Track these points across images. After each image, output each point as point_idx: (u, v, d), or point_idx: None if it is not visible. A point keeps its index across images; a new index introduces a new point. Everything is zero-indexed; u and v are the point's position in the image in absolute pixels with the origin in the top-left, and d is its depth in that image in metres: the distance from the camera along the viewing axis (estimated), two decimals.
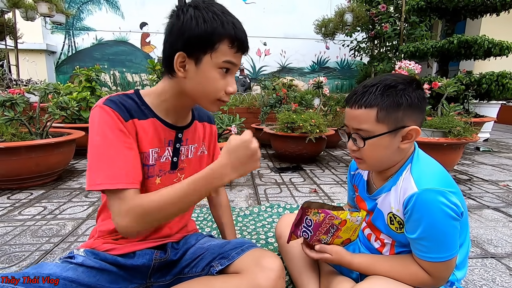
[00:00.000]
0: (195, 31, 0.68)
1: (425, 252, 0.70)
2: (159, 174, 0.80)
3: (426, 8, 3.40)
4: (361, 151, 0.76)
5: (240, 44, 0.72)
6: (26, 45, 5.21)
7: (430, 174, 0.73)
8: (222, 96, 0.74)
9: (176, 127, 0.82)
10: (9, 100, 1.91)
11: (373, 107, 0.72)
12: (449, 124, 1.92)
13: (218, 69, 0.71)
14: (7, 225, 1.44)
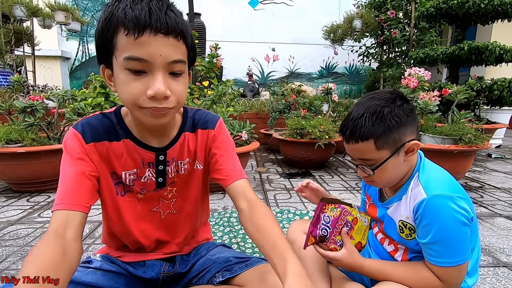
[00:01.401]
0: (96, 36, 0.60)
1: (437, 257, 0.71)
2: (141, 192, 0.77)
3: (436, 14, 3.40)
4: (371, 177, 0.79)
5: (136, 25, 0.54)
6: (42, 51, 5.38)
7: (438, 181, 0.75)
8: (142, 102, 0.59)
9: (156, 148, 0.74)
10: (29, 106, 2.00)
11: (369, 138, 0.73)
12: (459, 131, 1.91)
13: (126, 71, 0.58)
14: (28, 227, 1.50)
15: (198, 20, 4.84)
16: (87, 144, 0.68)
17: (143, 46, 0.56)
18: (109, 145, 0.71)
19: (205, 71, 3.45)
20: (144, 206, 0.79)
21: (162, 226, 0.84)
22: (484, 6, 2.94)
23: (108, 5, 0.58)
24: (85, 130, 0.69)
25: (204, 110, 0.84)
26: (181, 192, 0.83)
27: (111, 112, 0.73)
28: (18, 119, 2.07)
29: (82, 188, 0.66)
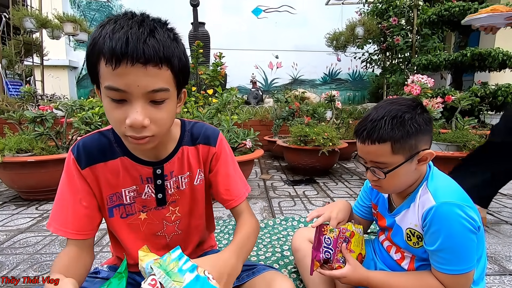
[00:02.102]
0: (85, 58, 0.61)
1: (444, 264, 0.72)
2: (143, 210, 0.78)
3: (438, 21, 3.42)
4: (380, 181, 0.79)
5: (111, 55, 0.54)
6: (51, 61, 5.51)
7: (446, 189, 0.77)
8: (123, 130, 0.59)
9: (152, 162, 0.75)
10: (39, 116, 2.05)
11: (386, 141, 0.73)
12: (463, 138, 1.92)
13: (108, 99, 0.58)
14: (37, 235, 1.53)
15: (203, 29, 4.93)
16: (83, 169, 0.70)
17: (121, 76, 0.55)
18: (104, 165, 0.72)
19: (210, 79, 3.51)
20: (148, 230, 0.80)
21: (168, 248, 0.84)
22: None
23: (95, 31, 0.58)
24: (80, 154, 0.70)
25: (201, 123, 0.84)
26: (184, 211, 0.83)
27: (109, 130, 0.74)
28: (28, 129, 2.12)
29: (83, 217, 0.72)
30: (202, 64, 4.06)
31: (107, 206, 0.75)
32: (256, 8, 6.86)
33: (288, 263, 1.25)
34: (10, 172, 1.94)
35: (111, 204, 0.75)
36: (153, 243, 0.82)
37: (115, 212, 0.76)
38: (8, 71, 4.62)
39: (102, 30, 0.56)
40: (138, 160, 0.73)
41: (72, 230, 0.70)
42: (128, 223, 0.77)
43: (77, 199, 0.71)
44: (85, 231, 0.72)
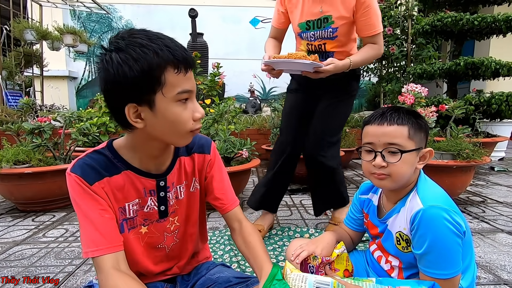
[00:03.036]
0: (132, 76, 0.59)
1: (431, 267, 0.74)
2: (144, 223, 0.78)
3: (432, 31, 3.49)
4: (390, 167, 0.80)
5: (185, 63, 0.64)
6: (51, 72, 5.57)
7: (434, 194, 0.80)
8: (192, 126, 0.68)
9: (155, 175, 0.76)
10: (37, 128, 2.07)
11: (405, 125, 0.80)
12: (457, 147, 1.94)
13: (177, 102, 0.64)
14: (33, 247, 1.53)
15: (201, 39, 5.00)
16: (92, 185, 0.68)
17: (190, 79, 0.66)
18: (110, 180, 0.71)
19: (207, 89, 3.54)
20: (147, 244, 0.80)
21: (166, 258, 0.86)
22: (477, 23, 3.03)
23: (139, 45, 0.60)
24: (85, 172, 0.68)
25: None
26: (181, 219, 0.84)
27: (104, 148, 0.74)
28: (26, 140, 2.14)
29: (111, 227, 0.69)
30: (200, 74, 4.11)
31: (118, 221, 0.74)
32: (253, 18, 6.97)
33: None
34: (7, 184, 1.95)
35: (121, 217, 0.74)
36: (153, 256, 0.82)
37: (124, 225, 0.75)
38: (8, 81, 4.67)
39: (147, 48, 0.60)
40: (141, 173, 0.74)
41: (106, 246, 0.66)
42: (130, 237, 0.77)
43: (97, 213, 0.68)
44: (118, 242, 0.68)
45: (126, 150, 0.74)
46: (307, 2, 1.42)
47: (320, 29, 1.44)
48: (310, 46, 1.53)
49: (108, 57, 0.61)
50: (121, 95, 0.62)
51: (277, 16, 1.53)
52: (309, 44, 1.52)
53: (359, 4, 1.34)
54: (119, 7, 6.56)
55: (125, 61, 0.59)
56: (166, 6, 6.55)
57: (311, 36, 1.48)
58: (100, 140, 3.06)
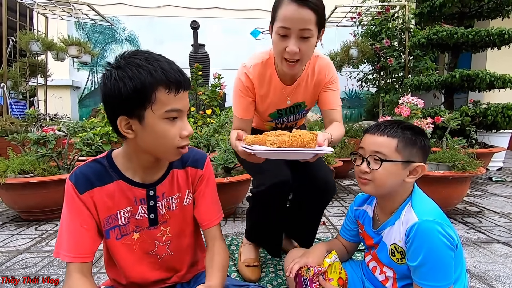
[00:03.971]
0: (125, 92, 0.67)
1: (425, 279, 0.78)
2: (136, 230, 0.83)
3: (428, 44, 3.57)
4: (373, 173, 0.86)
5: (177, 85, 0.70)
6: (54, 81, 5.66)
7: (429, 208, 0.84)
8: (178, 143, 0.74)
9: (146, 184, 0.82)
10: (42, 138, 2.12)
11: (395, 138, 0.85)
12: (452, 158, 1.98)
13: (165, 120, 0.71)
14: (36, 256, 1.56)
15: (202, 50, 5.10)
16: (82, 194, 0.76)
17: (180, 100, 0.72)
18: (101, 189, 0.78)
19: (208, 100, 3.61)
20: (140, 249, 0.85)
21: (160, 267, 0.89)
22: (472, 37, 3.11)
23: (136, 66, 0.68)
24: (78, 181, 0.76)
25: (191, 148, 0.92)
26: (174, 231, 0.88)
27: (103, 157, 0.81)
28: (31, 150, 2.18)
29: (85, 239, 0.76)
30: (202, 85, 4.19)
31: (104, 228, 0.80)
32: (254, 30, 7.11)
33: (281, 283, 1.28)
34: (11, 193, 1.98)
35: (107, 227, 0.80)
36: (147, 262, 0.86)
37: (111, 234, 0.81)
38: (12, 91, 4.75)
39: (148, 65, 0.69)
40: (132, 183, 0.80)
41: (75, 254, 0.74)
42: (122, 244, 0.82)
43: (78, 223, 0.76)
44: (87, 253, 0.76)
45: (122, 159, 0.81)
46: (272, 94, 1.25)
47: (294, 114, 1.34)
48: (279, 126, 1.40)
49: (108, 73, 0.70)
50: (115, 108, 0.71)
51: (246, 106, 1.24)
52: (277, 124, 1.39)
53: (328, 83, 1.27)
54: (123, 18, 6.70)
55: (121, 78, 0.68)
56: (169, 18, 6.69)
57: (284, 120, 1.37)
58: (102, 150, 3.11)
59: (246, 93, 1.23)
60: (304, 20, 0.99)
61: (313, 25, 1.02)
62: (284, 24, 1.01)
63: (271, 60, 1.22)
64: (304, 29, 1.01)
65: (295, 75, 1.22)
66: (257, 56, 1.24)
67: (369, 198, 1.03)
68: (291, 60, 1.06)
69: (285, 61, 1.08)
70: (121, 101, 0.68)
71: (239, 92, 1.24)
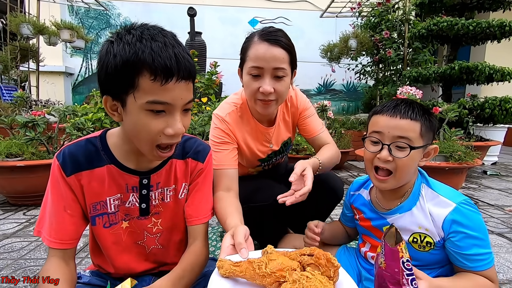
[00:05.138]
0: (109, 71, 0.59)
1: (485, 260, 0.73)
2: (125, 219, 0.77)
3: (428, 35, 3.53)
4: (395, 162, 0.76)
5: (165, 73, 0.58)
6: (47, 67, 5.52)
7: (451, 189, 0.80)
8: (157, 140, 0.63)
9: (140, 172, 0.75)
10: (31, 121, 2.05)
11: (418, 121, 0.76)
12: (450, 149, 1.96)
13: (147, 111, 0.60)
14: (23, 240, 1.52)
15: (199, 38, 5.00)
16: (68, 177, 0.69)
17: (168, 91, 0.60)
18: (90, 173, 0.71)
19: (204, 87, 3.55)
20: (129, 239, 0.80)
21: (147, 259, 0.84)
22: (472, 29, 3.07)
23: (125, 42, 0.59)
24: (65, 161, 0.69)
25: (195, 138, 0.86)
26: (166, 225, 0.82)
27: (96, 137, 0.74)
28: (19, 134, 2.12)
29: (68, 226, 0.71)
30: (198, 73, 4.11)
31: (90, 214, 0.75)
32: (252, 19, 6.99)
33: None
34: None
35: (94, 213, 0.75)
36: (134, 253, 0.82)
37: (98, 221, 0.75)
38: (3, 76, 4.62)
39: (140, 44, 0.58)
40: (125, 169, 0.73)
41: (56, 239, 0.70)
42: (111, 233, 0.77)
43: (61, 206, 0.70)
44: (69, 240, 0.71)
45: (117, 141, 0.74)
46: (255, 138, 1.16)
47: (283, 152, 1.29)
48: (266, 167, 1.30)
49: (105, 43, 0.62)
50: (101, 84, 0.64)
51: (230, 155, 1.07)
52: (266, 166, 1.29)
53: (302, 112, 1.23)
54: (118, 4, 6.53)
55: (108, 53, 0.60)
56: (165, 4, 6.54)
57: (273, 161, 1.28)
58: None
59: (228, 138, 1.08)
60: (277, 59, 0.95)
61: (286, 64, 0.97)
62: (256, 63, 0.95)
63: (244, 105, 1.12)
64: (278, 68, 0.95)
65: (271, 115, 1.15)
66: (229, 104, 1.13)
67: (367, 181, 0.98)
68: (265, 100, 0.99)
69: (259, 101, 1.01)
70: (105, 79, 0.61)
71: (220, 140, 1.07)
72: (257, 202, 1.09)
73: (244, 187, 1.07)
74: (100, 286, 0.81)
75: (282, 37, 0.96)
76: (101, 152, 0.72)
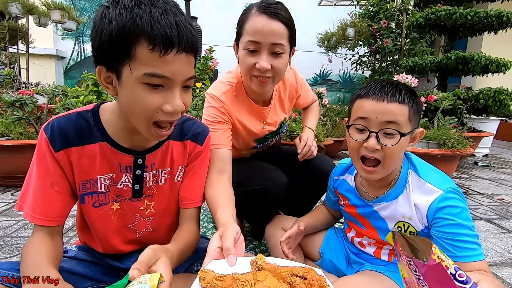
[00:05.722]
0: (103, 36, 0.54)
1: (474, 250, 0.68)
2: (116, 200, 0.74)
3: (426, 24, 3.50)
4: (384, 150, 0.71)
5: (165, 42, 0.53)
6: (37, 50, 5.38)
7: (440, 175, 0.75)
8: (154, 116, 0.59)
9: (135, 151, 0.71)
10: (18, 100, 2.00)
11: (406, 104, 0.70)
12: (443, 136, 1.96)
13: (143, 85, 0.56)
14: (10, 219, 1.49)
15: (195, 23, 4.90)
16: (56, 152, 0.65)
17: (167, 64, 0.55)
18: (81, 149, 0.67)
19: (199, 73, 3.49)
20: (119, 221, 0.76)
21: (138, 243, 0.82)
22: (470, 18, 3.05)
23: (121, 7, 0.53)
24: (54, 135, 0.64)
25: (194, 119, 0.82)
26: (159, 208, 0.79)
27: (88, 111, 0.69)
28: (6, 113, 2.06)
29: (55, 203, 0.67)
30: None
31: (79, 192, 0.71)
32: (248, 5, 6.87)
33: (265, 251, 1.26)
34: None
35: (83, 191, 0.70)
36: (123, 236, 0.79)
37: (87, 199, 0.71)
38: None
39: (138, 9, 0.53)
40: (119, 147, 0.69)
41: (41, 216, 0.66)
42: (100, 213, 0.73)
43: (48, 182, 0.66)
44: (56, 217, 0.67)
45: (110, 117, 0.69)
46: (250, 119, 1.12)
47: (279, 133, 1.25)
48: (261, 149, 1.27)
49: (101, 8, 0.56)
50: (96, 53, 0.58)
51: (224, 135, 1.02)
52: (261, 148, 1.25)
53: (299, 89, 1.25)
54: None
55: (103, 18, 0.54)
56: None
57: (269, 142, 1.24)
58: None
59: (223, 117, 1.02)
60: (276, 34, 0.89)
61: (285, 40, 0.92)
62: (253, 38, 0.90)
63: (239, 84, 1.07)
64: (276, 44, 0.90)
65: (267, 95, 1.11)
66: (223, 83, 1.07)
67: (351, 167, 0.94)
68: (261, 76, 0.95)
69: (255, 78, 0.96)
70: (99, 47, 0.56)
71: (215, 119, 1.01)
72: (253, 185, 1.07)
73: (239, 171, 1.04)
74: (87, 261, 0.80)
75: (282, 11, 0.91)
76: (94, 128, 0.67)
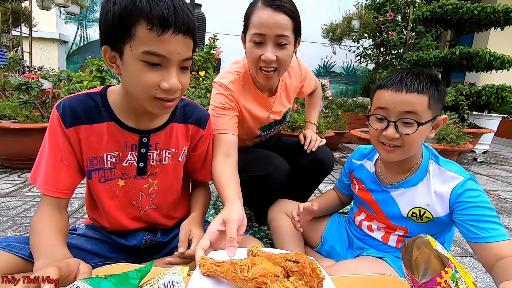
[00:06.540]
0: (107, 19, 0.60)
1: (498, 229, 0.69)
2: (122, 177, 0.79)
3: (432, 18, 3.47)
4: (403, 138, 0.74)
5: (162, 22, 0.58)
6: (40, 33, 5.34)
7: (459, 166, 0.79)
8: (154, 93, 0.64)
9: (140, 130, 0.76)
10: (24, 84, 2.02)
11: (425, 93, 0.72)
12: (442, 131, 1.98)
13: (142, 62, 0.61)
14: (18, 200, 1.54)
15: (199, 11, 4.84)
16: (67, 128, 0.71)
17: (164, 43, 0.60)
18: (89, 128, 0.72)
19: (202, 61, 3.48)
20: (124, 198, 0.81)
21: (141, 220, 0.87)
22: (477, 13, 3.02)
23: None
24: (65, 113, 0.70)
25: (194, 104, 0.87)
26: (162, 186, 0.84)
27: (97, 93, 0.74)
28: (12, 96, 2.09)
29: (64, 175, 0.72)
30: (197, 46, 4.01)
31: (86, 168, 0.76)
32: None
33: (264, 236, 1.30)
34: None
35: (90, 167, 0.76)
36: (127, 212, 0.84)
37: (94, 175, 0.77)
38: None
39: None
40: (125, 127, 0.74)
41: (51, 187, 0.71)
42: (105, 188, 0.79)
43: (59, 157, 0.71)
44: (64, 189, 0.73)
45: (117, 98, 0.74)
46: (257, 108, 1.15)
47: (282, 123, 1.30)
48: (263, 138, 1.30)
49: None
50: (101, 34, 0.63)
51: (231, 121, 1.04)
52: (264, 137, 1.29)
53: (304, 79, 1.29)
54: None
55: (108, 1, 0.60)
56: None
57: (272, 130, 1.28)
58: None
59: (231, 104, 1.06)
60: (280, 26, 0.93)
61: (290, 31, 0.95)
62: (259, 30, 0.93)
63: (247, 74, 1.11)
64: (281, 35, 0.94)
65: (273, 84, 1.15)
66: (231, 73, 1.11)
67: (371, 152, 0.96)
68: (267, 69, 0.99)
69: (261, 72, 1.00)
70: (104, 27, 0.62)
71: (223, 106, 1.04)
72: (255, 171, 1.11)
73: (241, 158, 1.08)
74: (95, 239, 0.84)
75: (287, 3, 0.94)
76: (102, 108, 0.73)
